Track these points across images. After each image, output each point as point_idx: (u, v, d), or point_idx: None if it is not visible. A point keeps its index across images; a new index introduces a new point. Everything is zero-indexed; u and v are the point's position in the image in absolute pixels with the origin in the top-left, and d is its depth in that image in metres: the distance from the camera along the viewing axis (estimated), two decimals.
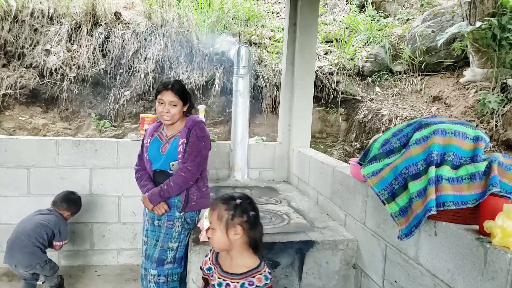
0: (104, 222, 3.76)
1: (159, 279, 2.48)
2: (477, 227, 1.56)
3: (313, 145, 5.28)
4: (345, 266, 2.50)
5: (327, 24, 6.95)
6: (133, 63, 5.40)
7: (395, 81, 6.15)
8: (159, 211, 2.43)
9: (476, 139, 1.74)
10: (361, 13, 7.50)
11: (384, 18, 7.22)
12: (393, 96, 5.91)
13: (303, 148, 4.03)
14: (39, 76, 5.15)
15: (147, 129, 2.70)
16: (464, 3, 5.30)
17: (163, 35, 5.56)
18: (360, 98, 5.90)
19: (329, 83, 5.79)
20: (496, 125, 4.76)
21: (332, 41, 6.46)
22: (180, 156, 2.41)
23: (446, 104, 5.54)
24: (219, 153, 4.09)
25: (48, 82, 5.13)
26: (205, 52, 5.52)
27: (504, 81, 5.02)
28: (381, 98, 5.89)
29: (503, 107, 4.81)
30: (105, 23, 5.51)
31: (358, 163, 2.21)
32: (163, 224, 2.48)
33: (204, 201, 2.53)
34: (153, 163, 2.51)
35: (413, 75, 6.14)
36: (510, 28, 5.04)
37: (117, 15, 5.66)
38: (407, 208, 1.75)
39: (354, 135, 5.71)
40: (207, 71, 5.49)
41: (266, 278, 1.60)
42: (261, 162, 4.21)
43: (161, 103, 2.45)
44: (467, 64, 5.81)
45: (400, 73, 6.23)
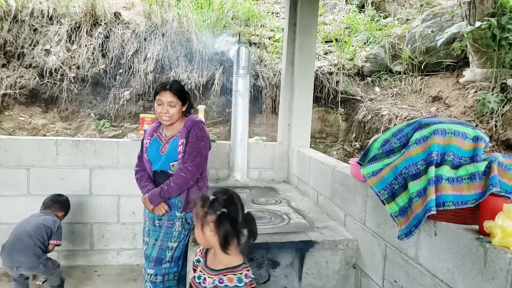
0: (104, 222, 3.76)
1: (155, 279, 2.48)
2: (477, 227, 1.56)
3: (313, 145, 5.28)
4: (345, 266, 2.50)
5: (326, 24, 6.95)
6: (133, 63, 5.40)
7: (394, 81, 6.16)
8: (159, 211, 2.43)
9: (476, 139, 1.74)
10: (360, 13, 7.50)
11: (384, 18, 7.22)
12: (392, 96, 5.91)
13: (303, 148, 4.03)
14: (38, 76, 5.15)
15: (146, 130, 2.69)
16: (464, 3, 5.30)
17: (163, 35, 5.56)
18: (359, 98, 5.90)
19: (328, 83, 5.79)
20: (496, 125, 4.76)
21: (331, 41, 6.46)
22: (180, 156, 2.41)
23: (445, 104, 5.55)
24: (219, 153, 4.09)
25: (48, 82, 5.13)
26: (204, 52, 5.52)
27: (504, 81, 5.02)
28: (381, 98, 5.89)
29: (503, 107, 4.81)
30: (104, 23, 5.51)
31: (358, 163, 2.21)
32: (163, 224, 2.48)
33: None
34: (153, 164, 2.51)
35: (412, 75, 6.14)
36: (509, 28, 5.05)
37: (116, 15, 5.66)
38: (407, 208, 1.75)
39: (354, 135, 5.71)
40: (207, 71, 5.49)
41: (239, 280, 1.52)
42: (261, 162, 4.22)
43: (159, 103, 2.44)
44: (466, 64, 5.82)
45: (399, 73, 6.23)
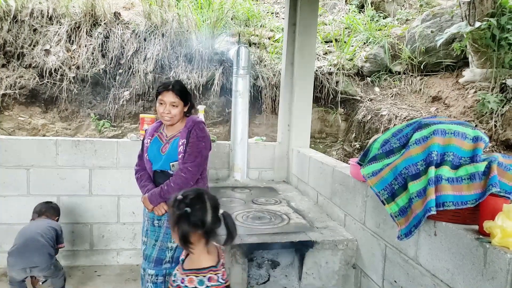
0: (103, 222, 3.76)
1: (157, 279, 2.47)
2: (476, 227, 1.56)
3: (313, 145, 5.29)
4: (345, 266, 2.50)
5: (326, 24, 6.95)
6: (133, 63, 5.40)
7: (394, 81, 6.16)
8: (159, 211, 2.43)
9: (476, 139, 1.74)
10: (360, 13, 7.50)
11: (384, 18, 7.22)
12: (392, 96, 5.92)
13: (302, 148, 4.04)
14: (38, 76, 5.15)
15: (147, 129, 2.69)
16: (463, 3, 5.30)
17: (163, 35, 5.56)
18: (359, 98, 5.90)
19: (328, 83, 5.80)
20: (495, 125, 4.77)
21: (331, 41, 6.47)
22: (180, 156, 2.41)
23: (445, 104, 5.55)
24: (219, 153, 4.09)
25: (48, 82, 5.13)
26: (204, 52, 5.52)
27: (503, 81, 5.03)
28: (381, 98, 5.90)
29: (502, 107, 4.82)
30: (104, 23, 5.51)
31: (358, 163, 2.22)
32: (162, 224, 2.47)
33: None
34: (153, 164, 2.51)
35: (412, 75, 6.15)
36: (509, 28, 5.05)
37: (116, 15, 5.66)
38: (406, 208, 1.76)
39: (354, 135, 5.72)
40: (207, 71, 5.49)
41: (200, 282, 1.49)
42: (261, 162, 4.22)
43: (161, 103, 2.43)
44: (466, 64, 5.82)
45: (399, 73, 6.24)
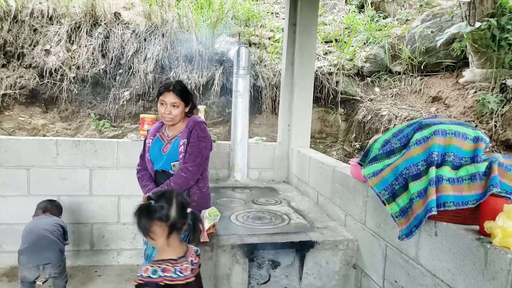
0: (104, 223, 3.76)
1: None
2: (477, 227, 1.57)
3: (313, 145, 5.29)
4: (345, 266, 2.50)
5: (326, 25, 6.95)
6: (133, 63, 5.40)
7: (394, 81, 6.16)
8: None
9: (476, 139, 1.74)
10: (360, 13, 7.51)
11: (384, 19, 7.22)
12: (392, 96, 5.92)
13: (302, 148, 4.04)
14: (38, 76, 5.14)
15: (149, 129, 2.70)
16: (464, 3, 5.30)
17: (163, 35, 5.56)
18: (359, 98, 5.90)
19: (328, 84, 5.80)
20: (495, 126, 4.77)
21: (331, 42, 6.47)
22: (181, 156, 2.41)
23: (445, 104, 5.55)
24: (219, 153, 4.09)
25: (48, 82, 5.13)
26: (204, 52, 5.52)
27: (503, 81, 5.03)
28: (381, 98, 5.90)
29: (502, 107, 4.82)
30: (104, 23, 5.51)
31: (359, 163, 2.22)
32: None
33: (205, 201, 2.52)
34: (154, 163, 2.51)
35: (412, 75, 6.15)
36: (509, 29, 5.06)
37: (116, 15, 5.66)
38: (407, 208, 1.76)
39: (354, 135, 5.72)
40: (207, 71, 5.49)
41: (153, 272, 1.62)
42: (261, 162, 4.22)
43: (162, 104, 2.43)
44: (466, 65, 5.82)
45: (399, 73, 6.24)
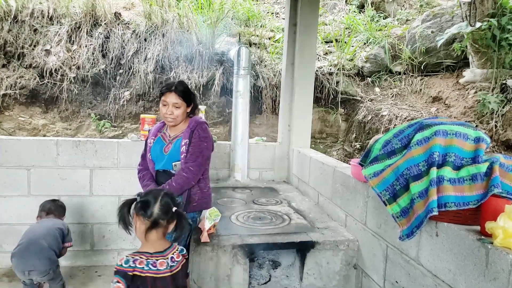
0: (104, 223, 3.76)
1: None
2: (478, 228, 1.56)
3: (313, 146, 5.29)
4: (346, 267, 2.50)
5: (326, 25, 6.95)
6: (133, 64, 5.40)
7: (394, 81, 6.16)
8: None
9: (477, 140, 1.74)
10: (360, 13, 7.51)
11: (384, 19, 7.22)
12: (392, 97, 5.92)
13: (303, 148, 4.04)
14: (39, 76, 5.14)
15: (150, 129, 2.71)
16: (464, 3, 5.30)
17: (163, 35, 5.56)
18: (359, 98, 5.90)
19: (329, 84, 5.80)
20: (496, 126, 4.77)
21: (331, 42, 6.47)
22: (182, 156, 2.41)
23: (445, 104, 5.55)
24: (219, 154, 4.09)
25: (48, 82, 5.13)
26: (205, 53, 5.52)
27: (504, 81, 5.03)
28: (381, 99, 5.90)
29: (503, 107, 4.82)
30: (105, 23, 5.51)
31: (360, 164, 2.22)
32: None
33: (206, 201, 2.53)
34: (155, 163, 2.51)
35: (412, 75, 6.15)
36: (509, 29, 5.05)
37: (117, 15, 5.66)
38: (408, 209, 1.76)
39: (354, 135, 5.72)
40: (207, 71, 5.49)
41: (126, 261, 1.74)
42: (261, 163, 4.22)
43: (164, 104, 2.44)
44: (466, 65, 5.82)
45: (399, 73, 6.24)
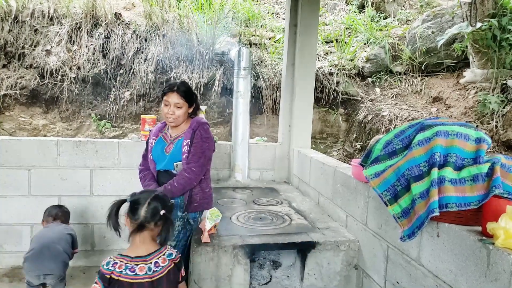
0: (105, 223, 3.69)
1: None
2: (479, 228, 1.56)
3: (313, 146, 5.28)
4: (347, 267, 2.50)
5: (327, 25, 6.95)
6: (134, 64, 5.40)
7: (395, 81, 6.16)
8: None
9: (479, 140, 1.74)
10: (360, 13, 7.50)
11: (384, 19, 7.22)
12: (393, 97, 5.92)
13: (303, 148, 4.04)
14: (39, 76, 5.14)
15: (152, 130, 2.71)
16: (464, 4, 5.30)
17: (164, 35, 5.56)
18: (360, 98, 5.90)
19: (329, 84, 5.80)
20: (496, 126, 4.77)
21: (332, 42, 6.47)
22: (184, 156, 2.41)
23: (446, 104, 5.55)
24: (220, 154, 4.09)
25: (49, 82, 5.13)
26: (205, 53, 5.52)
27: (504, 81, 5.03)
28: (381, 99, 5.90)
29: (503, 107, 4.82)
30: (105, 23, 5.51)
31: (361, 164, 2.22)
32: None
33: (207, 202, 2.53)
34: (157, 163, 2.52)
35: (413, 75, 6.15)
36: (510, 29, 5.05)
37: (117, 15, 5.66)
38: (409, 209, 1.76)
39: (354, 135, 5.72)
40: (208, 71, 5.49)
41: (107, 263, 1.82)
42: (262, 163, 4.22)
43: (166, 104, 2.45)
44: (467, 65, 5.82)
45: (400, 73, 6.24)
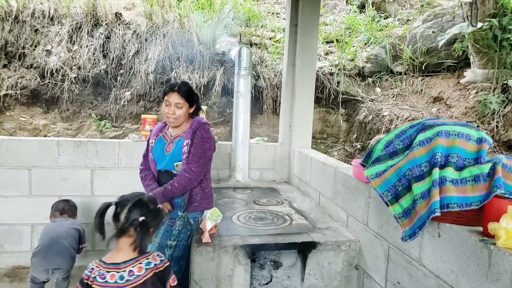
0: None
1: None
2: (481, 228, 1.56)
3: (314, 146, 5.28)
4: (348, 267, 2.50)
5: (327, 25, 6.95)
6: (134, 64, 5.40)
7: (395, 81, 6.16)
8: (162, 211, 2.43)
9: (480, 140, 1.74)
10: (361, 13, 7.50)
11: (384, 19, 7.22)
12: (393, 97, 5.91)
13: (304, 148, 4.03)
14: (40, 76, 5.14)
15: (152, 129, 2.71)
16: (465, 4, 5.30)
17: (164, 35, 5.56)
18: (360, 98, 5.90)
19: (329, 84, 5.80)
20: (497, 126, 4.77)
21: (332, 42, 6.47)
22: (184, 156, 2.41)
23: (446, 104, 5.55)
24: (220, 154, 4.08)
25: (49, 82, 5.13)
26: (205, 53, 5.52)
27: (505, 81, 5.03)
28: (382, 99, 5.89)
29: (504, 107, 4.82)
30: (105, 23, 5.51)
31: (361, 164, 2.21)
32: (164, 222, 2.48)
33: (207, 202, 2.53)
34: (157, 163, 2.52)
35: (413, 75, 6.14)
36: (511, 29, 5.05)
37: (117, 15, 5.66)
38: (410, 209, 1.75)
39: (355, 135, 5.71)
40: (208, 71, 5.49)
41: (87, 268, 1.78)
42: (262, 163, 4.22)
43: (167, 104, 2.45)
44: (467, 65, 5.82)
45: (400, 73, 6.24)
